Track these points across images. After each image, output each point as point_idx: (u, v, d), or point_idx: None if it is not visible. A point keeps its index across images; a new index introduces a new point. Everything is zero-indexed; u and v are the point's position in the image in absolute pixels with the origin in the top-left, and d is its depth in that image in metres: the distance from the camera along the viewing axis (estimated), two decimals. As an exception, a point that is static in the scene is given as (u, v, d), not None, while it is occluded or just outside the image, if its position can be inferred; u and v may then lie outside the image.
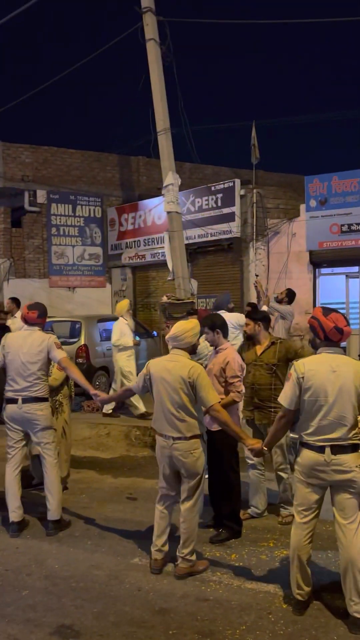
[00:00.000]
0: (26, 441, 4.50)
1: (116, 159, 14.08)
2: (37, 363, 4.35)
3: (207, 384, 3.66)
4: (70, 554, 4.04)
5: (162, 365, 3.73)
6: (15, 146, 12.99)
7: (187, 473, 3.68)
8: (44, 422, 4.40)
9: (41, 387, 4.40)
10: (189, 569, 3.67)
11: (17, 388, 4.36)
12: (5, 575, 3.72)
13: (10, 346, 4.43)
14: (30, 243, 13.26)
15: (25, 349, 4.37)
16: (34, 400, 4.36)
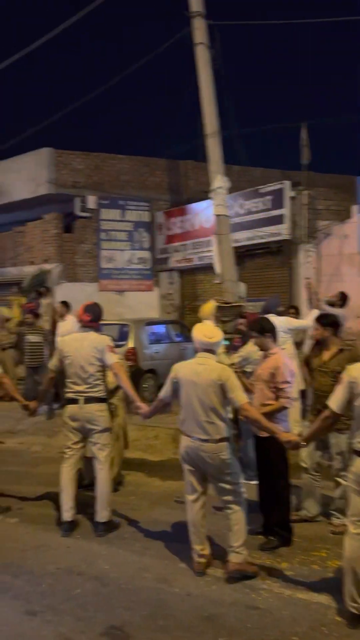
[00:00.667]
0: (84, 442, 4.57)
1: (164, 163, 14.18)
2: (94, 365, 4.43)
3: (237, 385, 3.69)
4: (119, 555, 4.08)
5: (191, 368, 3.76)
6: (67, 153, 13.29)
7: (214, 475, 3.70)
8: (103, 423, 4.48)
9: (101, 387, 4.49)
10: (240, 565, 3.65)
11: (77, 389, 4.44)
12: (57, 573, 3.79)
13: (67, 350, 4.52)
14: (81, 248, 13.53)
15: (82, 351, 4.45)
16: (95, 401, 4.44)
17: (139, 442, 7.29)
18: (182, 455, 3.84)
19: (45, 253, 13.50)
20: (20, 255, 14.25)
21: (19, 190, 13.86)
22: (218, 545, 4.00)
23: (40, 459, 6.70)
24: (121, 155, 13.80)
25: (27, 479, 5.89)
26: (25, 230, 14.08)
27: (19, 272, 14.09)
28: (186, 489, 3.88)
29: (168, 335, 10.71)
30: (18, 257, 14.30)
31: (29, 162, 13.57)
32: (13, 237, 14.44)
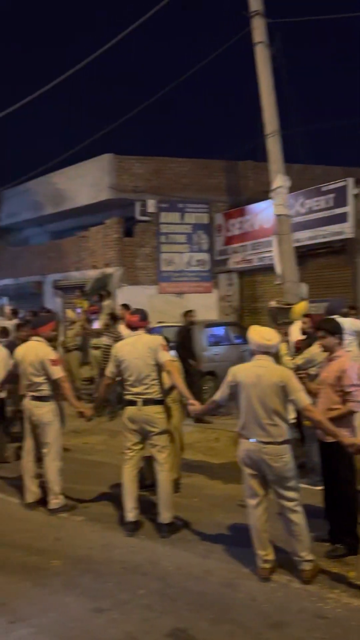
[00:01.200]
0: (143, 444, 4.62)
1: (223, 164, 14.14)
2: (149, 365, 4.48)
3: (298, 387, 3.65)
4: (183, 557, 4.09)
5: (251, 371, 3.73)
6: (127, 158, 13.54)
7: (276, 478, 3.65)
8: (161, 425, 4.51)
9: (158, 389, 4.53)
10: (314, 570, 3.63)
11: (135, 391, 4.50)
12: (123, 572, 3.84)
13: (122, 354, 4.58)
14: (141, 251, 13.73)
15: (136, 353, 4.50)
16: (153, 403, 4.49)
17: (200, 445, 7.30)
18: (242, 458, 3.81)
19: (106, 257, 13.81)
20: (83, 259, 14.65)
21: (82, 196, 14.26)
22: (283, 550, 3.93)
23: (104, 458, 6.83)
24: (180, 158, 13.90)
25: (92, 478, 6.02)
26: (88, 235, 14.46)
27: (82, 275, 14.49)
28: (247, 493, 3.84)
29: (227, 337, 10.66)
30: (81, 261, 14.70)
31: (92, 169, 13.93)
32: (76, 242, 14.86)
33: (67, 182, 14.85)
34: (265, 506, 3.81)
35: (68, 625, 3.21)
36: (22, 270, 16.82)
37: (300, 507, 3.70)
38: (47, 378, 5.02)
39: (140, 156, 13.62)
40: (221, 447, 7.15)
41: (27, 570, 3.90)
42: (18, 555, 4.13)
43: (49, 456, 5.04)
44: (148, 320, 4.80)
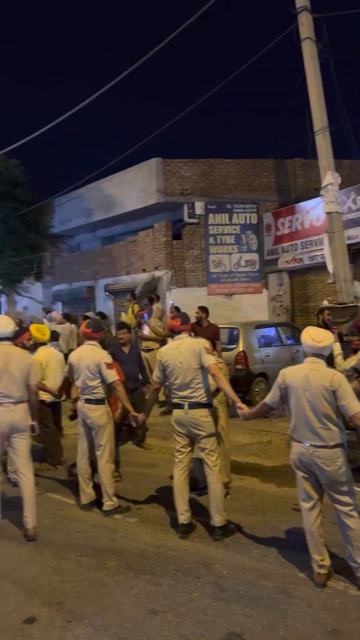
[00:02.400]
0: (192, 446, 4.62)
1: (272, 163, 13.99)
2: (194, 369, 4.47)
3: (349, 392, 3.53)
4: (237, 560, 4.05)
5: (302, 374, 3.65)
6: (175, 162, 13.62)
7: (329, 482, 3.57)
8: (209, 428, 4.49)
9: (203, 392, 4.51)
10: None
11: (181, 395, 4.51)
12: (176, 575, 3.85)
13: (166, 359, 4.59)
14: (190, 254, 13.77)
15: (181, 357, 4.51)
16: (199, 406, 4.48)
17: (252, 447, 7.23)
18: (294, 462, 3.75)
19: (156, 260, 13.94)
20: (133, 263, 14.85)
21: (131, 201, 14.48)
22: (339, 557, 3.83)
23: (157, 460, 6.89)
24: (227, 159, 13.85)
25: (145, 480, 6.08)
26: (137, 239, 14.65)
27: (132, 279, 14.69)
28: (301, 496, 3.78)
29: (279, 338, 10.51)
30: (131, 265, 14.91)
31: (139, 173, 14.11)
32: (126, 247, 15.08)
33: (116, 188, 15.12)
34: (319, 509, 3.73)
35: (123, 626, 3.25)
36: (75, 275, 17.24)
37: (356, 511, 3.59)
38: (102, 381, 5.09)
39: (187, 159, 13.67)
40: (273, 449, 7.06)
41: (82, 570, 3.98)
42: (74, 556, 4.21)
43: (103, 458, 5.12)
44: (188, 324, 4.80)
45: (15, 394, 4.55)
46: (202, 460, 4.59)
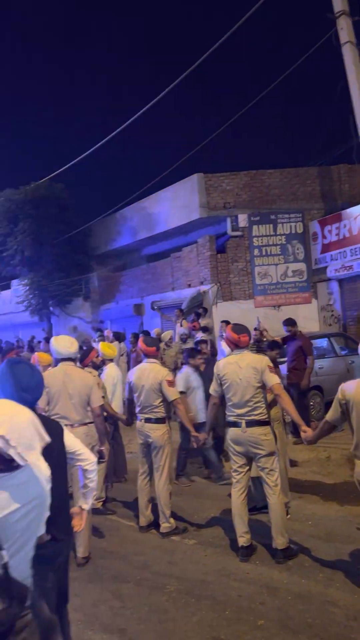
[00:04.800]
0: (250, 465, 4.48)
1: (315, 171, 13.76)
2: (254, 386, 4.32)
3: None
4: (302, 585, 3.87)
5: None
6: (217, 176, 13.61)
7: None
8: (268, 447, 4.34)
9: (262, 410, 4.36)
10: None
11: (239, 412, 4.37)
12: (239, 601, 3.71)
13: (224, 373, 4.43)
14: (235, 266, 13.66)
15: (241, 374, 4.35)
16: (258, 424, 4.33)
17: (311, 464, 6.98)
18: (359, 481, 3.55)
19: (201, 275, 13.90)
20: (178, 279, 14.87)
21: (174, 218, 14.55)
22: None
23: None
24: (270, 170, 13.72)
25: (201, 498, 5.96)
26: (181, 255, 14.67)
27: (177, 295, 14.69)
28: None
29: (332, 349, 10.19)
30: (176, 281, 14.93)
31: (181, 190, 14.18)
32: (171, 263, 15.13)
33: (159, 205, 15.24)
34: None
35: (187, 655, 3.13)
36: (122, 294, 17.43)
37: None
38: (163, 400, 5.01)
39: (229, 172, 13.63)
40: (333, 466, 6.79)
41: (142, 595, 3.90)
42: (133, 579, 4.14)
43: (161, 479, 5.02)
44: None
45: (73, 416, 4.41)
46: (262, 480, 4.43)
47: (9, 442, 1.77)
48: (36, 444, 1.85)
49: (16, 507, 1.79)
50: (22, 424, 1.84)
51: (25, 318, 19.47)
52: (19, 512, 1.80)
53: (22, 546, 1.84)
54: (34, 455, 1.83)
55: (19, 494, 1.81)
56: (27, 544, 1.86)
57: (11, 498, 1.79)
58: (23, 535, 1.83)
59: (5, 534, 1.75)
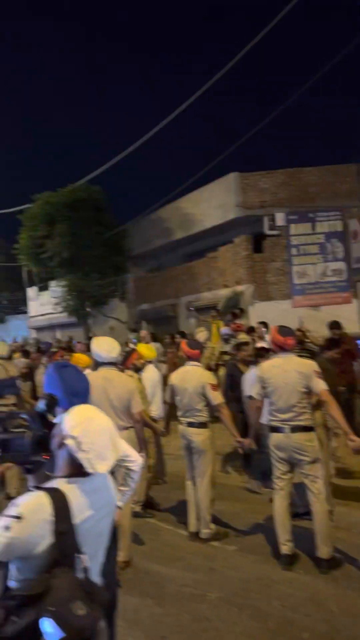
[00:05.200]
0: (293, 472, 4.36)
1: (355, 168, 13.43)
2: (299, 391, 4.20)
3: None
4: (348, 597, 3.74)
5: None
6: (253, 175, 13.46)
7: None
8: (313, 454, 4.21)
9: (307, 415, 4.24)
10: None
11: (282, 418, 4.26)
12: (283, 612, 3.61)
13: (268, 376, 4.33)
14: (272, 266, 13.47)
15: (286, 378, 4.23)
16: (302, 430, 4.20)
17: (355, 469, 6.77)
18: None
19: (237, 275, 13.77)
20: (214, 279, 14.78)
21: (210, 218, 14.47)
22: None
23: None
24: (307, 167, 13.48)
25: (241, 502, 5.86)
26: (217, 255, 14.58)
27: (213, 296, 14.61)
28: None
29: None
30: (212, 281, 14.85)
31: (218, 190, 14.08)
32: (206, 263, 15.06)
33: (195, 205, 15.19)
34: None
35: (231, 667, 3.06)
36: (158, 294, 17.46)
37: None
38: (207, 404, 4.87)
39: (265, 171, 13.45)
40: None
41: (183, 602, 3.84)
42: (174, 586, 4.09)
43: (203, 485, 4.91)
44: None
45: (114, 421, 4.39)
46: (305, 487, 4.30)
47: (80, 445, 1.76)
48: (109, 454, 1.81)
49: (90, 514, 1.78)
50: (97, 430, 1.81)
51: (63, 319, 19.74)
52: (92, 518, 1.79)
53: (95, 553, 1.83)
54: (105, 466, 1.79)
55: (93, 500, 1.80)
56: (99, 551, 1.86)
57: (86, 504, 1.78)
58: (96, 542, 1.84)
59: (84, 539, 1.74)
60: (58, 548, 1.65)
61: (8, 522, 1.63)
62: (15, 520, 1.63)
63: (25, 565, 1.67)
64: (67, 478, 1.80)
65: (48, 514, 1.66)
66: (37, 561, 1.65)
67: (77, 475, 1.80)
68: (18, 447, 1.85)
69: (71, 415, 1.85)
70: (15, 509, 1.66)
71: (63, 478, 1.80)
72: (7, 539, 1.62)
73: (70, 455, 1.79)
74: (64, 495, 1.73)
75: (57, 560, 1.64)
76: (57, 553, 1.65)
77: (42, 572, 1.64)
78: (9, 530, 1.62)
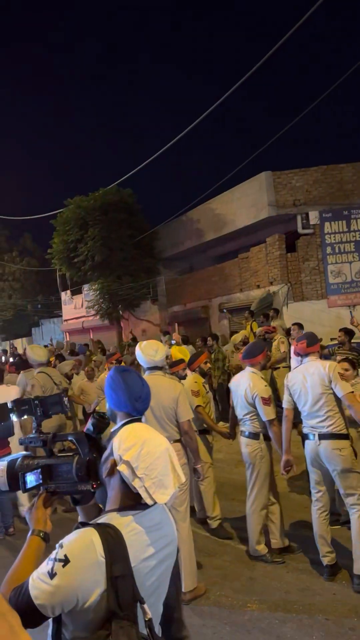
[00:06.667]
0: (330, 480, 4.18)
1: (390, 163, 13.07)
2: (324, 395, 4.02)
3: None
4: None
5: None
6: (285, 173, 13.24)
7: None
8: (344, 463, 3.96)
9: (336, 421, 4.03)
10: None
11: (311, 424, 4.11)
12: (327, 625, 3.47)
13: (293, 383, 4.22)
14: (306, 265, 13.22)
15: (309, 381, 4.09)
16: (332, 437, 4.00)
17: None
18: None
19: (270, 275, 13.57)
20: (246, 280, 14.61)
21: (242, 218, 14.31)
22: None
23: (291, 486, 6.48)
24: (341, 164, 13.18)
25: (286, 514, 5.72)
26: (249, 255, 14.40)
27: (246, 297, 14.43)
28: None
29: None
30: (244, 282, 14.68)
31: (249, 189, 13.91)
32: (238, 264, 14.89)
33: (226, 206, 15.06)
34: None
35: None
36: (189, 296, 17.38)
37: None
38: (258, 413, 4.49)
39: (298, 169, 13.22)
40: None
41: (223, 613, 3.74)
42: (213, 595, 3.99)
43: (250, 500, 4.55)
44: (317, 345, 4.27)
45: None
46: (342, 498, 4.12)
47: (135, 470, 1.47)
48: (169, 482, 1.50)
49: (151, 553, 1.48)
50: (154, 453, 1.51)
51: (96, 322, 19.88)
52: (154, 558, 1.48)
53: (155, 602, 1.51)
54: (166, 495, 1.48)
55: (153, 538, 1.49)
56: (159, 601, 1.54)
57: (144, 542, 1.47)
58: (158, 588, 1.51)
59: (143, 585, 1.43)
60: (114, 597, 1.34)
61: (52, 566, 1.36)
62: (60, 564, 1.35)
63: (75, 619, 1.38)
64: (121, 511, 1.50)
65: (99, 555, 1.36)
66: (90, 615, 1.35)
67: (133, 508, 1.50)
68: (64, 474, 1.60)
69: (123, 435, 1.56)
70: (60, 551, 1.38)
71: (116, 511, 1.50)
72: (52, 587, 1.33)
73: (124, 483, 1.50)
74: (118, 531, 1.42)
75: (113, 613, 1.34)
76: (112, 603, 1.34)
77: (96, 628, 1.35)
78: (54, 577, 1.34)
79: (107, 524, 1.45)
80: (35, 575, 1.38)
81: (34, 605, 1.34)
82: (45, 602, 1.34)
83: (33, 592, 1.35)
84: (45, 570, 1.36)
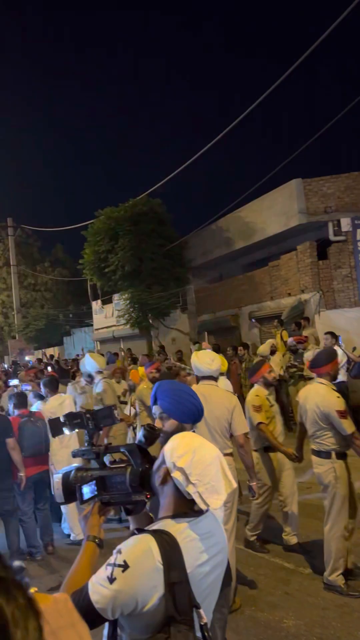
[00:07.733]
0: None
1: None
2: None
3: None
4: None
5: None
6: (316, 180, 13.12)
7: None
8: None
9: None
10: None
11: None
12: (368, 644, 3.36)
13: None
14: (338, 273, 13.03)
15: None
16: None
17: None
18: None
19: (301, 283, 13.42)
20: (276, 288, 14.48)
21: (272, 226, 14.22)
22: None
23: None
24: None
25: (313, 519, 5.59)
26: (280, 263, 14.29)
27: (276, 305, 14.30)
28: None
29: None
30: (275, 290, 14.55)
31: (280, 197, 13.83)
32: (269, 272, 14.79)
33: (255, 214, 15.00)
34: None
35: None
36: (219, 305, 17.33)
37: None
38: (333, 429, 4.07)
39: (329, 175, 13.08)
40: None
41: (259, 629, 3.66)
42: (248, 610, 3.91)
43: (327, 525, 4.13)
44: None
45: None
46: None
47: (188, 477, 1.49)
48: (221, 487, 1.51)
49: (205, 559, 1.49)
50: (205, 460, 1.52)
51: (127, 331, 20.00)
52: (207, 564, 1.49)
53: (207, 608, 1.51)
54: (219, 501, 1.49)
55: (206, 544, 1.51)
56: (210, 606, 1.54)
57: (198, 548, 1.49)
58: (210, 595, 1.52)
59: (198, 591, 1.45)
60: (171, 602, 1.37)
61: (112, 571, 1.39)
62: (119, 570, 1.38)
63: (133, 622, 1.42)
64: (175, 518, 1.51)
65: (157, 561, 1.39)
66: (148, 618, 1.38)
67: (186, 515, 1.52)
68: (118, 485, 1.65)
69: (174, 444, 1.58)
70: (119, 556, 1.41)
71: (169, 518, 1.52)
72: (112, 591, 1.37)
73: (177, 490, 1.52)
74: (174, 538, 1.44)
75: (171, 617, 1.36)
76: (171, 608, 1.36)
77: (154, 631, 1.37)
78: (114, 581, 1.37)
79: (163, 531, 1.47)
80: (94, 580, 1.41)
81: (94, 609, 1.38)
82: (106, 606, 1.38)
83: (93, 597, 1.38)
84: (104, 575, 1.40)
